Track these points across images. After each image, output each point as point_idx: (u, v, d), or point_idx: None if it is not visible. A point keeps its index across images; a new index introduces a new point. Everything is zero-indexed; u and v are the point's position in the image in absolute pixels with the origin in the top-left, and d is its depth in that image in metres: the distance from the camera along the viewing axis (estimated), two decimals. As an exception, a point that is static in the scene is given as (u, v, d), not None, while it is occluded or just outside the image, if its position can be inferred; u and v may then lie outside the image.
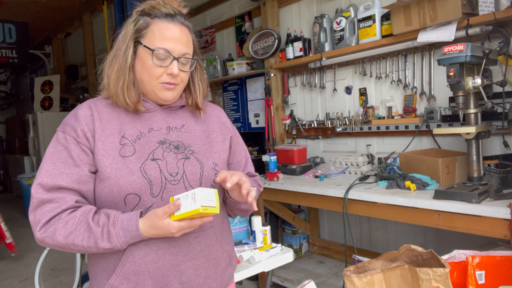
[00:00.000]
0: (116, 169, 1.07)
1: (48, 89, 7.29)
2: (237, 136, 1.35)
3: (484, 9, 2.23)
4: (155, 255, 1.07)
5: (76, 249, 1.05)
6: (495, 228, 1.76)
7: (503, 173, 1.99)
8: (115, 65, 1.13)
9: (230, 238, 1.30)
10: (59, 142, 1.10)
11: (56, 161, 1.07)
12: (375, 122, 2.94)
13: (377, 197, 2.21)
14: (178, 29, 1.12)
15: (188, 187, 1.11)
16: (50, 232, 1.02)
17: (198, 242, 1.13)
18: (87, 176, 1.08)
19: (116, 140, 1.11)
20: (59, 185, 1.05)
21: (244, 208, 1.26)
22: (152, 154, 1.11)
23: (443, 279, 1.43)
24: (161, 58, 1.10)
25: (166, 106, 1.20)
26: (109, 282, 1.08)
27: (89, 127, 1.10)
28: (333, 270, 3.24)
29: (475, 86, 1.95)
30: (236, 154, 1.32)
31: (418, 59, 2.73)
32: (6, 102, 10.54)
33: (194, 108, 1.25)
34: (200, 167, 1.15)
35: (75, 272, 2.14)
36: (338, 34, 3.06)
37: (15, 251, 3.95)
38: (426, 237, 2.84)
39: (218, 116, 1.32)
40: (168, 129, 1.18)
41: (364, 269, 1.68)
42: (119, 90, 1.12)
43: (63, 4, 6.68)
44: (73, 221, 1.03)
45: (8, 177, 8.85)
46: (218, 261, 1.19)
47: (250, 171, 1.37)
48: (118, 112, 1.16)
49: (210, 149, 1.21)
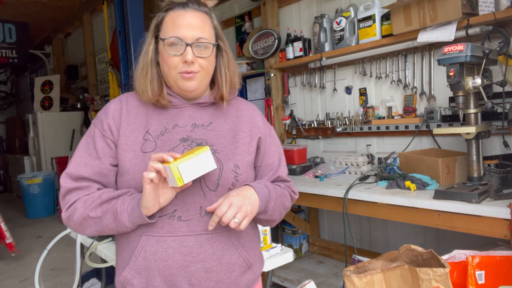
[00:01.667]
0: (135, 164, 1.08)
1: (48, 89, 7.29)
2: (271, 137, 1.26)
3: (484, 9, 2.23)
4: (165, 253, 1.07)
5: (92, 223, 1.07)
6: (495, 228, 1.76)
7: (503, 173, 1.99)
8: (140, 63, 1.16)
9: (253, 244, 1.22)
10: (90, 134, 1.16)
11: (84, 152, 1.13)
12: (375, 122, 2.94)
13: (377, 197, 2.21)
14: (190, 15, 1.10)
15: (204, 188, 1.09)
16: (71, 210, 1.08)
17: (210, 245, 1.09)
18: (107, 169, 1.11)
19: (140, 135, 1.12)
20: (83, 175, 1.10)
21: (263, 219, 1.18)
22: (172, 151, 1.09)
23: (443, 279, 1.43)
24: (174, 46, 1.09)
25: (195, 102, 1.17)
26: (123, 274, 1.10)
27: (115, 121, 1.13)
28: (333, 270, 3.24)
29: (475, 86, 1.95)
30: (266, 157, 1.23)
31: (418, 59, 2.73)
32: (6, 102, 10.53)
33: (219, 99, 1.18)
34: (219, 168, 1.11)
35: (75, 272, 2.14)
36: (338, 34, 3.06)
37: (15, 251, 3.95)
38: (426, 237, 2.84)
39: (251, 115, 1.25)
40: (194, 126, 1.15)
41: (364, 269, 1.68)
42: (143, 85, 1.13)
43: (63, 4, 6.68)
44: (92, 199, 1.07)
45: (8, 177, 8.84)
46: (232, 266, 1.13)
47: (281, 175, 1.26)
48: (147, 107, 1.16)
49: (234, 150, 1.15)
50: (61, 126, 6.91)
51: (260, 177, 1.22)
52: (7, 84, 10.42)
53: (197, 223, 1.08)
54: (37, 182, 6.11)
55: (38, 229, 5.39)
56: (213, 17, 1.16)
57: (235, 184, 1.12)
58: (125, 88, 3.77)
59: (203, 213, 1.08)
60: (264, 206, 1.13)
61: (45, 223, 5.78)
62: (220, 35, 1.17)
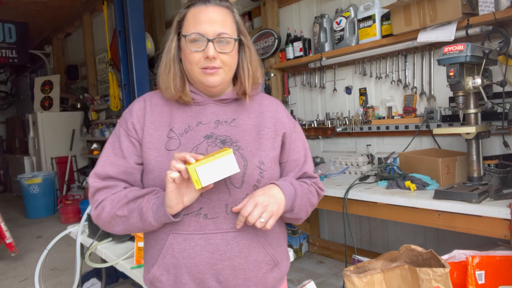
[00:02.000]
0: (160, 162, 1.08)
1: (48, 89, 7.29)
2: (296, 132, 1.24)
3: (484, 9, 2.23)
4: (192, 251, 1.07)
5: (120, 221, 1.08)
6: (495, 228, 1.76)
7: (503, 173, 1.99)
8: (163, 60, 1.16)
9: (280, 241, 1.21)
10: (115, 133, 1.17)
11: (110, 151, 1.15)
12: (375, 122, 2.94)
13: (377, 197, 2.21)
14: (211, 10, 1.09)
15: (229, 185, 1.08)
16: (100, 209, 1.10)
17: (237, 243, 1.09)
18: (132, 168, 1.12)
19: (164, 133, 1.12)
20: (109, 174, 1.12)
21: (289, 217, 1.16)
22: (196, 148, 1.09)
23: (443, 279, 1.43)
24: (196, 42, 1.08)
25: (218, 99, 1.17)
26: (152, 271, 1.11)
27: (139, 120, 1.14)
28: (333, 270, 3.24)
29: (475, 86, 1.95)
30: (292, 153, 1.21)
31: (418, 59, 2.73)
32: (6, 102, 10.54)
33: (242, 94, 1.17)
34: (244, 164, 1.09)
35: (75, 272, 2.14)
36: (338, 34, 3.06)
37: (15, 251, 3.95)
38: (426, 237, 2.84)
39: (275, 110, 1.22)
40: (217, 123, 1.14)
41: (364, 269, 1.68)
42: (166, 82, 1.13)
43: (63, 4, 6.68)
44: (118, 198, 1.09)
45: (8, 177, 8.84)
46: (259, 264, 1.12)
47: (307, 171, 1.24)
48: (170, 105, 1.16)
49: (259, 146, 1.13)
50: (61, 126, 6.91)
51: (286, 174, 1.21)
52: (7, 84, 10.42)
53: (223, 221, 1.08)
54: (37, 182, 6.11)
55: (38, 229, 5.39)
56: (234, 12, 1.15)
57: (260, 181, 1.11)
58: (125, 88, 3.77)
59: (229, 210, 1.08)
60: (290, 205, 1.12)
61: (45, 223, 5.77)
62: (242, 30, 1.16)
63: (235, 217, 1.07)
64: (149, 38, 4.91)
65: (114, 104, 5.28)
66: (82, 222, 2.20)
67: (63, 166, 6.82)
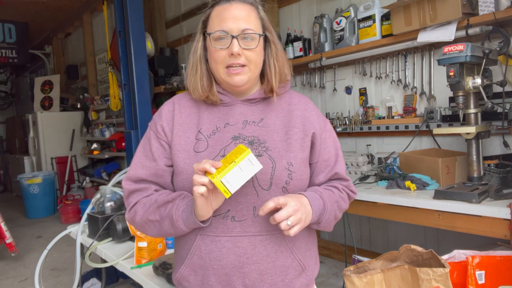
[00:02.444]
0: (189, 164, 1.08)
1: (48, 89, 7.29)
2: (326, 131, 1.20)
3: (484, 9, 2.23)
4: (219, 253, 1.07)
5: (152, 226, 1.10)
6: (495, 228, 1.76)
7: (503, 173, 1.99)
8: (190, 61, 1.16)
9: (308, 246, 1.18)
10: (146, 136, 1.19)
11: (141, 154, 1.17)
12: (375, 122, 2.94)
13: (377, 197, 2.21)
14: (235, 7, 1.09)
15: (257, 187, 1.07)
16: (132, 213, 1.13)
17: (264, 247, 1.07)
18: (162, 170, 1.13)
19: (193, 135, 1.12)
20: (141, 177, 1.14)
21: (315, 228, 1.15)
22: (223, 150, 1.09)
23: (443, 279, 1.43)
24: (221, 40, 1.08)
25: (246, 98, 1.15)
26: (180, 271, 1.13)
27: (168, 122, 1.15)
28: (333, 270, 3.24)
29: (475, 86, 1.95)
30: (322, 153, 1.17)
31: (418, 59, 2.73)
32: (6, 102, 10.55)
33: (269, 92, 1.15)
34: (272, 166, 1.07)
35: (75, 272, 2.14)
36: (338, 34, 3.06)
37: (15, 251, 3.95)
38: (426, 237, 2.84)
39: (304, 109, 1.19)
40: (245, 123, 1.13)
41: (364, 269, 1.68)
42: (193, 83, 1.14)
43: (63, 4, 6.68)
44: (149, 202, 1.11)
45: (8, 177, 8.84)
46: (287, 269, 1.10)
47: (338, 172, 1.19)
48: (198, 106, 1.16)
49: (287, 147, 1.11)
50: (61, 126, 6.91)
51: (316, 175, 1.18)
52: (7, 84, 10.43)
53: (251, 224, 1.07)
54: (37, 182, 6.11)
55: (38, 229, 5.39)
56: (259, 9, 1.14)
57: (289, 183, 1.08)
58: (125, 88, 3.77)
59: (257, 213, 1.06)
60: (317, 219, 1.10)
61: (45, 223, 5.77)
62: (267, 26, 1.14)
63: (262, 220, 1.06)
64: (149, 38, 4.90)
65: (114, 104, 5.28)
66: (82, 222, 2.20)
67: (63, 166, 6.82)
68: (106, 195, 2.18)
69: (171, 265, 1.56)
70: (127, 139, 3.86)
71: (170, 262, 1.58)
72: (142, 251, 1.73)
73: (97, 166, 6.56)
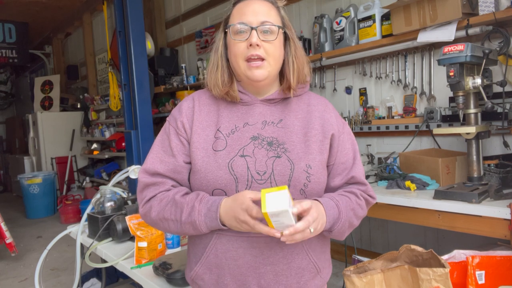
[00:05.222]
0: (207, 163, 1.08)
1: (48, 89, 7.29)
2: (344, 133, 1.19)
3: (484, 9, 2.23)
4: (235, 253, 1.07)
5: (167, 225, 1.09)
6: (495, 228, 1.76)
7: (503, 173, 1.99)
8: (211, 59, 1.17)
9: (323, 248, 1.18)
10: (165, 131, 1.18)
11: (159, 149, 1.16)
12: (375, 122, 2.94)
13: (377, 197, 2.21)
14: (255, 2, 1.10)
15: None
16: (147, 208, 1.12)
17: (280, 248, 1.07)
18: (181, 167, 1.13)
19: (212, 133, 1.12)
20: (158, 171, 1.12)
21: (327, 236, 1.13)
22: (242, 150, 1.08)
23: (443, 279, 1.43)
24: (240, 33, 1.08)
25: (265, 98, 1.15)
26: (194, 269, 1.13)
27: (188, 119, 1.14)
28: (333, 270, 3.21)
29: (475, 86, 1.95)
30: (339, 155, 1.16)
31: (418, 59, 2.73)
32: (6, 102, 10.54)
33: (287, 89, 1.14)
34: (290, 168, 1.07)
35: (75, 272, 2.14)
36: (338, 34, 3.06)
37: (15, 251, 3.95)
38: (426, 237, 2.84)
39: (323, 110, 1.18)
40: (264, 124, 1.12)
41: (364, 269, 1.68)
42: (214, 79, 1.14)
43: (63, 4, 6.68)
44: (166, 199, 1.09)
45: (8, 177, 8.84)
46: (302, 271, 1.10)
47: (355, 175, 1.17)
48: (218, 104, 1.16)
49: (306, 149, 1.10)
50: (61, 126, 6.91)
51: (332, 177, 1.16)
52: (7, 84, 10.42)
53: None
54: (37, 182, 6.10)
55: (38, 229, 5.39)
56: (279, 9, 1.15)
57: (307, 185, 1.08)
58: (125, 88, 3.76)
59: None
60: (330, 227, 1.08)
61: (45, 223, 5.77)
62: (287, 24, 1.14)
63: None
64: (149, 38, 4.90)
65: (114, 104, 5.28)
66: (82, 222, 2.20)
67: (63, 166, 6.82)
68: (106, 195, 2.18)
69: (171, 265, 1.55)
70: (127, 139, 3.86)
71: (170, 262, 1.57)
72: (142, 251, 1.73)
73: (97, 166, 6.56)
